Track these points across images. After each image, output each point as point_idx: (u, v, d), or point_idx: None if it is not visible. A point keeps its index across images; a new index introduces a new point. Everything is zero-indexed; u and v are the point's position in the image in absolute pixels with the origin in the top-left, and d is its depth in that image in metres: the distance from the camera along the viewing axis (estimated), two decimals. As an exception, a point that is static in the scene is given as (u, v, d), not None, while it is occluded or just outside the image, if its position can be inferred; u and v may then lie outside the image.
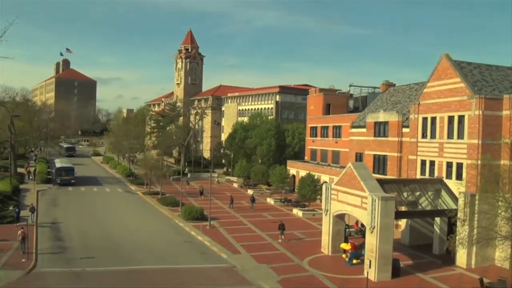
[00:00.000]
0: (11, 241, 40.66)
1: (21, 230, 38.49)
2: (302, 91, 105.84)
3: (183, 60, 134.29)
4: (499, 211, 31.91)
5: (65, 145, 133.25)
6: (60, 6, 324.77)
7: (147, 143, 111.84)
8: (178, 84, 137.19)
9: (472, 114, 38.98)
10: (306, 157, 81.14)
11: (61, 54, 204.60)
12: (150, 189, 75.28)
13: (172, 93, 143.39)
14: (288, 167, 79.18)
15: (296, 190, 68.72)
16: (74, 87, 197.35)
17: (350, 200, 38.44)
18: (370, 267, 30.27)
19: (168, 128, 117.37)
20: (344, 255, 39.72)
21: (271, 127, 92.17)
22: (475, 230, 33.94)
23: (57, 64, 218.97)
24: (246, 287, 32.94)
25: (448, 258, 40.02)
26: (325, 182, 60.18)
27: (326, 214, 42.51)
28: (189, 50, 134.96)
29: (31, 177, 78.75)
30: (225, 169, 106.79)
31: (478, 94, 38.84)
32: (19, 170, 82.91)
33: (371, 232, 34.96)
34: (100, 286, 31.54)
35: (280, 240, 45.56)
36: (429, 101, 44.38)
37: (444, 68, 42.92)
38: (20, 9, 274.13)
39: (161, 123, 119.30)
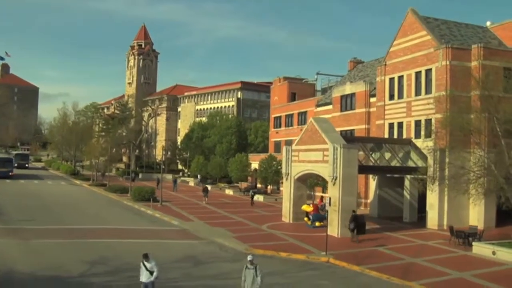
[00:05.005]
0: None
1: None
2: (266, 87, 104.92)
3: (136, 57, 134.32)
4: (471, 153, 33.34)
5: (15, 152, 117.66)
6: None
7: (94, 143, 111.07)
8: (129, 83, 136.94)
9: (439, 65, 40.51)
10: (270, 151, 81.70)
11: (2, 58, 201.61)
12: (97, 181, 75.39)
13: (124, 95, 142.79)
14: (250, 161, 79.56)
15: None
16: (13, 93, 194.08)
17: (312, 157, 39.22)
18: (330, 205, 30.92)
19: (119, 131, 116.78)
20: (306, 219, 40.31)
21: (232, 125, 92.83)
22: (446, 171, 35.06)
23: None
24: (198, 241, 33.19)
25: (419, 224, 40.98)
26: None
27: (287, 179, 43.16)
28: (143, 46, 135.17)
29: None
30: (181, 174, 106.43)
31: (445, 44, 40.39)
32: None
33: (333, 184, 35.66)
34: (40, 238, 31.50)
35: (204, 202, 54.27)
36: (395, 60, 45.89)
37: (410, 23, 44.57)
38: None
39: (110, 125, 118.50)
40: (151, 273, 17.36)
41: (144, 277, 17.47)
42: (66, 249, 28.61)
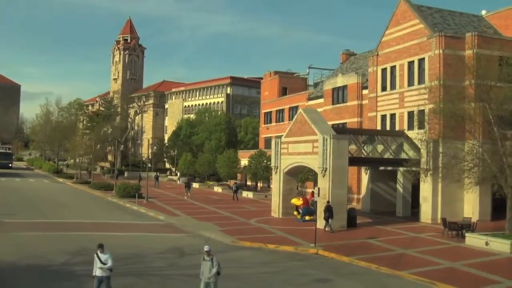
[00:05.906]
0: None
1: None
2: (257, 83, 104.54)
3: (121, 52, 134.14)
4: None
5: None
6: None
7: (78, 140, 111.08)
8: (115, 79, 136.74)
9: (432, 54, 40.96)
10: (260, 148, 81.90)
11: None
12: (80, 179, 75.94)
13: (109, 92, 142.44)
14: (239, 158, 79.72)
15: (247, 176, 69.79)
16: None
17: (301, 148, 39.58)
18: (319, 195, 31.28)
19: (104, 129, 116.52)
20: (295, 213, 40.60)
21: (221, 121, 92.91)
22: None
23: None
24: (184, 234, 33.46)
25: (413, 218, 41.34)
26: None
27: (276, 172, 43.48)
28: (128, 40, 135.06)
29: None
30: (168, 173, 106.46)
31: (438, 33, 40.84)
32: None
33: (323, 176, 35.99)
34: (21, 231, 31.75)
35: (186, 197, 56.39)
36: (388, 50, 46.34)
37: (403, 12, 45.04)
38: None
39: (94, 123, 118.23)
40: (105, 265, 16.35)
41: (98, 270, 16.47)
42: (48, 241, 28.88)
